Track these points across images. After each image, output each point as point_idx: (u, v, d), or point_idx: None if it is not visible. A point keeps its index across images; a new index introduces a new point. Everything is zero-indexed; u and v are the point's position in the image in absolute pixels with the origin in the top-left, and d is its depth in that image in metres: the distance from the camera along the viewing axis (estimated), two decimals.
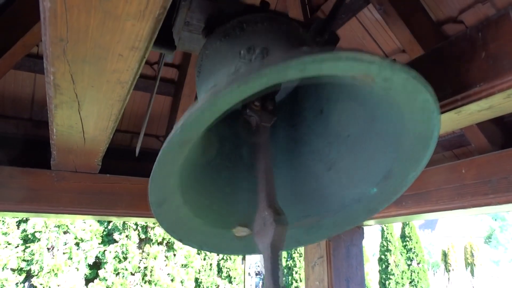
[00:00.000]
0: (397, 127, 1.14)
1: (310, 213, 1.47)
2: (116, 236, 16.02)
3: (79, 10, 0.85)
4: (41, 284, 14.40)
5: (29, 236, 14.73)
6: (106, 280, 15.43)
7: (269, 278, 0.98)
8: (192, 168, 1.23)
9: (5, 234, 14.38)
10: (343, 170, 1.41)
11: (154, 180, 1.05)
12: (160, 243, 16.47)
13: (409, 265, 20.74)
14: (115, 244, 15.95)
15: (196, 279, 18.30)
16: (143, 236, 16.19)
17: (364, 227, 3.36)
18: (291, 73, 0.85)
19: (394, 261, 20.26)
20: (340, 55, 0.84)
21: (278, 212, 1.05)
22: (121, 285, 15.39)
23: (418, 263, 20.83)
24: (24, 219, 14.46)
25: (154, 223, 14.53)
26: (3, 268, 14.06)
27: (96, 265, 16.08)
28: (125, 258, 15.77)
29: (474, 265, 29.59)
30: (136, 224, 15.96)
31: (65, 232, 15.27)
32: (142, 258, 16.03)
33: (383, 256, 20.58)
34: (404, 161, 1.22)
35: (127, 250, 15.79)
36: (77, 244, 15.54)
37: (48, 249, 14.78)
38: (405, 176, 1.26)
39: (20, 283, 14.47)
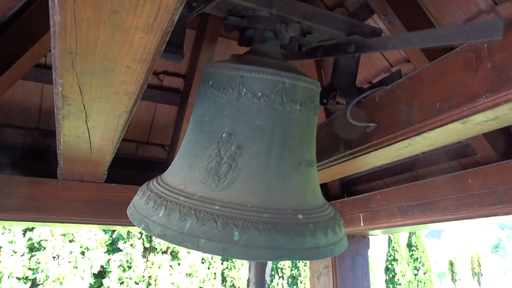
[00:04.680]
0: None
1: None
2: (120, 245, 16.00)
3: (88, 24, 0.86)
4: None
5: (35, 244, 14.75)
6: None
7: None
8: None
9: (11, 242, 14.42)
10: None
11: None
12: (164, 252, 16.43)
13: (415, 275, 20.52)
14: (120, 253, 15.93)
15: None
16: (147, 245, 16.16)
17: (370, 237, 3.34)
18: None
19: (401, 271, 20.06)
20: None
21: None
22: None
23: (424, 273, 20.62)
24: (30, 227, 14.50)
25: None
26: (8, 277, 14.07)
27: (101, 274, 16.05)
28: (130, 267, 15.74)
29: (481, 275, 29.28)
30: (140, 233, 15.92)
31: (70, 241, 15.28)
32: (147, 267, 15.99)
33: (390, 266, 20.39)
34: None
35: (131, 259, 15.75)
36: (82, 253, 15.54)
37: (53, 257, 14.78)
38: None
39: None
